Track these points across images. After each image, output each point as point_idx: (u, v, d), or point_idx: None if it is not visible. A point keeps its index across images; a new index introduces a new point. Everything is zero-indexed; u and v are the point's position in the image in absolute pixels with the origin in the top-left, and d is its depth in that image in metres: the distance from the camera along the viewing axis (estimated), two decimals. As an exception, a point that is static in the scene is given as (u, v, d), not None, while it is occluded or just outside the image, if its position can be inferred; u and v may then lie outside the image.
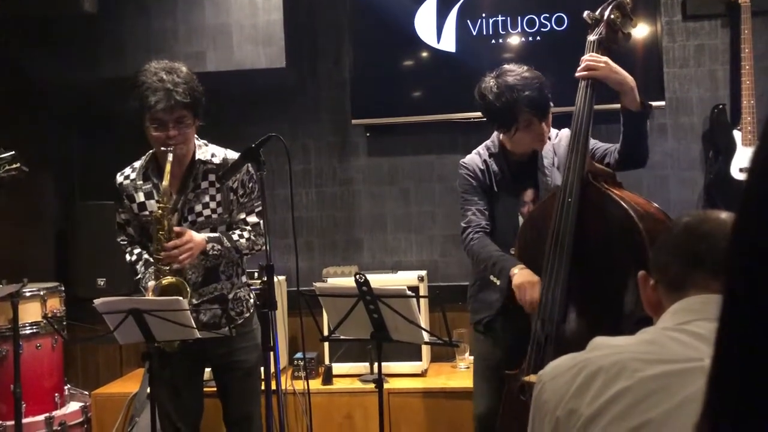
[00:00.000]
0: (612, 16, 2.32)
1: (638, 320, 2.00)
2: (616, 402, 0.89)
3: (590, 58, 2.30)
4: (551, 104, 2.50)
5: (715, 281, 1.01)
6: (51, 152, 4.02)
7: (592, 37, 2.34)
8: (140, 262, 2.62)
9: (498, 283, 2.48)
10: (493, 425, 2.57)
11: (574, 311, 2.28)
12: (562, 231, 2.23)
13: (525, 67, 2.51)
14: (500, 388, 2.53)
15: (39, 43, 3.68)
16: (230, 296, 2.64)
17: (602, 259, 2.22)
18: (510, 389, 2.49)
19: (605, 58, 2.29)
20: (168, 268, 2.47)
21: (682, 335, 0.95)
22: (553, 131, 2.59)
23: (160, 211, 2.46)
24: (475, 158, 2.64)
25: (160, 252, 2.46)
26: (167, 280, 2.47)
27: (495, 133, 2.63)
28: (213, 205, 2.59)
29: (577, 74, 2.31)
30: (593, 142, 2.48)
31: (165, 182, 2.44)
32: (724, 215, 1.09)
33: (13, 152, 2.80)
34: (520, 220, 2.56)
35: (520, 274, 2.38)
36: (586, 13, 2.37)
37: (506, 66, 2.53)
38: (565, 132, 2.53)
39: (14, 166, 2.87)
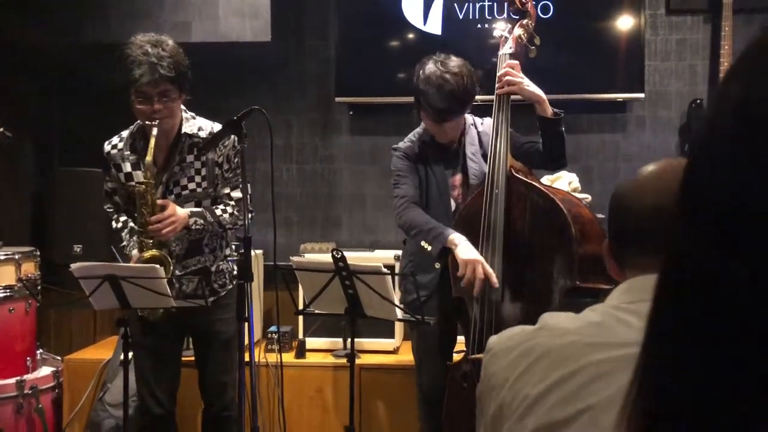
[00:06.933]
0: (517, 34, 2.57)
1: (567, 291, 2.25)
2: (559, 387, 0.88)
3: (510, 73, 2.48)
4: (464, 109, 2.60)
5: (643, 258, 0.97)
6: (31, 117, 3.98)
7: (503, 52, 2.56)
8: (125, 230, 2.65)
9: (429, 249, 2.53)
10: (437, 397, 2.68)
11: (510, 293, 2.44)
12: (493, 220, 2.43)
13: (457, 68, 2.55)
14: (439, 359, 2.72)
15: (19, 6, 3.63)
16: (213, 269, 2.67)
17: (531, 242, 2.41)
18: (453, 378, 2.59)
19: (521, 75, 2.50)
20: (152, 241, 2.50)
21: (630, 317, 0.93)
22: (478, 120, 2.74)
23: (144, 186, 2.47)
24: (408, 144, 2.75)
25: (144, 226, 2.48)
26: (150, 253, 2.50)
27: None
28: (198, 179, 2.61)
29: (497, 91, 2.51)
30: (518, 138, 2.65)
31: (149, 157, 2.45)
32: (651, 183, 1.00)
33: None
34: (453, 204, 2.69)
35: (467, 249, 2.43)
36: (497, 33, 2.63)
37: (449, 58, 2.59)
38: (488, 121, 2.64)
39: (-4, 130, 2.84)
